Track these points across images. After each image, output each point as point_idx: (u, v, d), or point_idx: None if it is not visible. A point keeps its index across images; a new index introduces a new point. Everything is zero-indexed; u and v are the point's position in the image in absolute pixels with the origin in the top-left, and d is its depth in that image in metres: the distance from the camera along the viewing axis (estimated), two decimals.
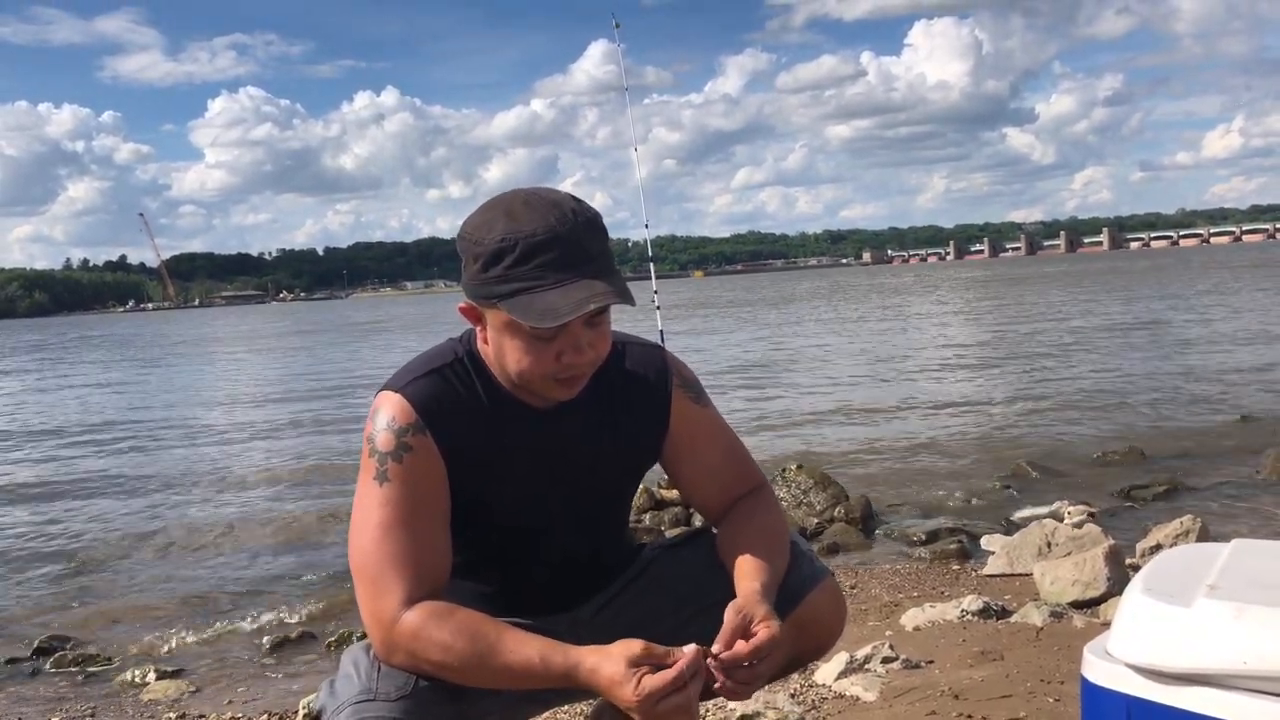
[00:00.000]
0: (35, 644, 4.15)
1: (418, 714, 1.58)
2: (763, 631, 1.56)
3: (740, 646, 1.54)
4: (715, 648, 1.52)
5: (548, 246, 1.57)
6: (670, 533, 4.89)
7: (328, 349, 28.82)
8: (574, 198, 1.67)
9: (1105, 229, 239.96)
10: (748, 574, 1.70)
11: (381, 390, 1.72)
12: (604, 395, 1.81)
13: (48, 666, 3.91)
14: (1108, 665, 1.18)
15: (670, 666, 1.47)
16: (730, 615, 1.58)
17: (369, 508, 1.64)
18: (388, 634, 1.58)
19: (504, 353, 1.66)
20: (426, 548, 1.64)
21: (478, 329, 1.70)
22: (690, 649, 1.48)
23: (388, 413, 1.68)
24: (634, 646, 1.50)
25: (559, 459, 1.78)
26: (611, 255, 1.67)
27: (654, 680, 1.46)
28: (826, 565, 1.97)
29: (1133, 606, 1.19)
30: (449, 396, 1.70)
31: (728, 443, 1.92)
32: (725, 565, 1.77)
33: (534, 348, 1.62)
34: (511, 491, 1.75)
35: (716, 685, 1.55)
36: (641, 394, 1.84)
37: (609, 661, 1.50)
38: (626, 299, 1.61)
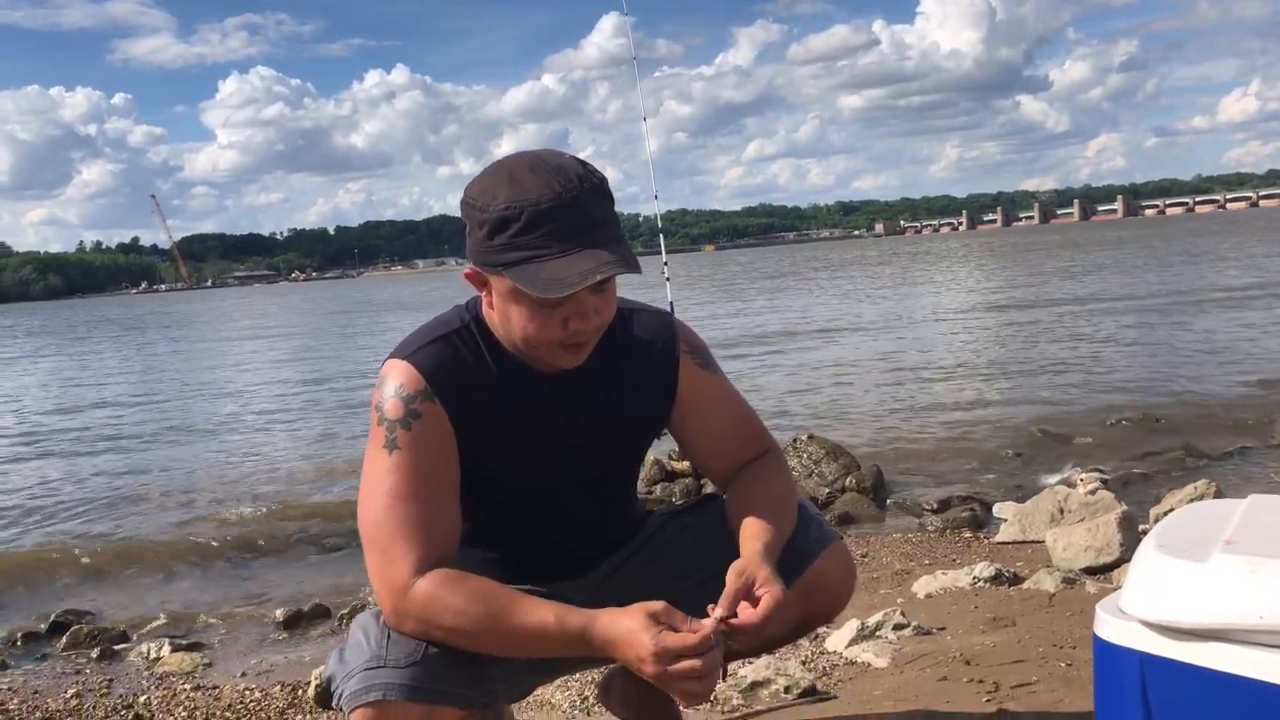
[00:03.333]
0: (51, 618, 4.18)
1: (427, 680, 1.57)
2: (766, 597, 1.54)
3: (744, 612, 1.52)
4: (717, 611, 1.50)
5: (553, 215, 1.54)
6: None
7: (349, 325, 28.85)
8: (580, 161, 1.64)
9: (1120, 196, 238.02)
10: (751, 536, 1.68)
11: (389, 358, 1.71)
12: (611, 361, 1.80)
13: (63, 641, 3.94)
14: (1121, 622, 1.16)
15: (690, 632, 1.45)
16: (732, 578, 1.57)
17: (378, 476, 1.63)
18: (398, 602, 1.58)
19: (509, 319, 1.64)
20: (437, 515, 1.63)
21: (483, 294, 1.69)
22: (711, 621, 1.46)
23: (395, 380, 1.67)
24: (654, 605, 1.49)
25: (566, 425, 1.77)
26: (618, 220, 1.65)
27: (674, 638, 1.44)
28: (836, 530, 1.95)
29: (1147, 562, 1.17)
30: (456, 363, 1.69)
31: (736, 408, 1.91)
32: (734, 529, 1.76)
33: (539, 315, 1.61)
34: (519, 457, 1.74)
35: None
36: (649, 360, 1.83)
37: (627, 616, 1.48)
38: (633, 267, 1.59)
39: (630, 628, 1.47)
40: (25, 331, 45.06)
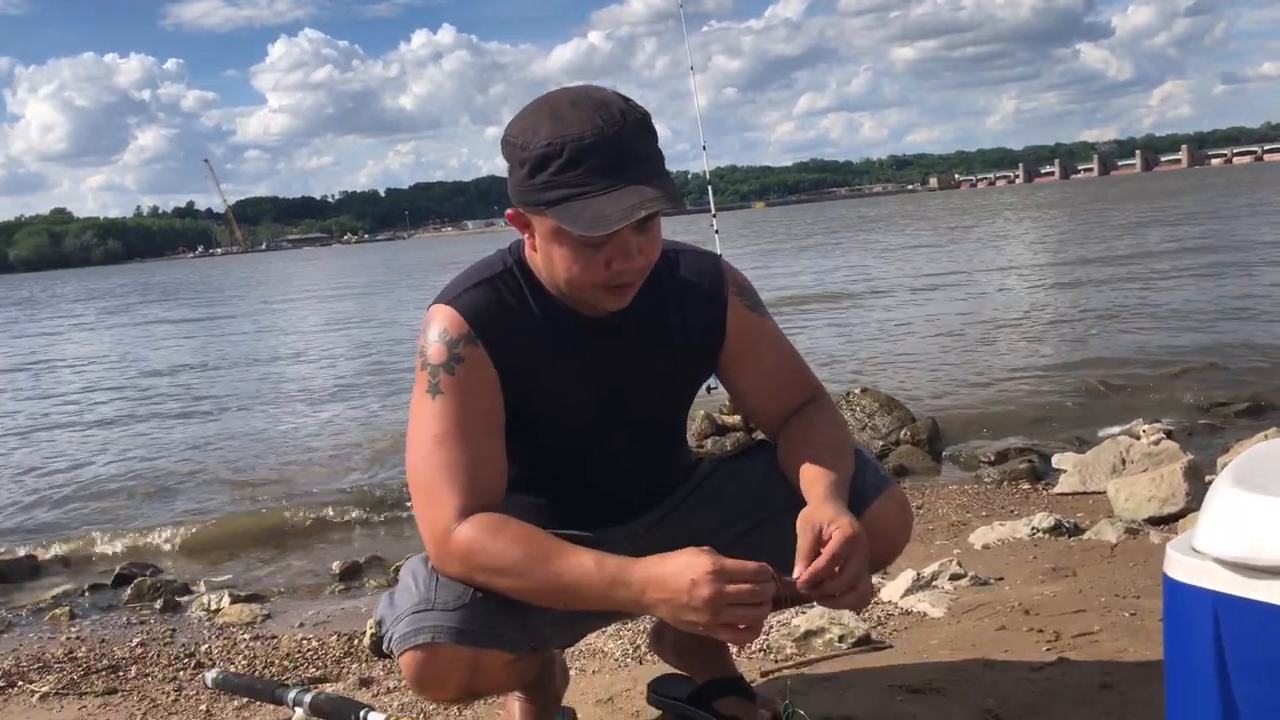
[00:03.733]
0: (116, 571, 4.29)
1: (475, 624, 1.57)
2: (836, 534, 1.49)
3: (819, 562, 1.48)
4: (796, 571, 1.46)
5: (595, 150, 1.50)
6: None
7: (422, 285, 29.10)
8: (622, 96, 1.60)
9: (1184, 146, 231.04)
10: (813, 481, 1.64)
11: (433, 303, 1.69)
12: (656, 303, 1.76)
13: (128, 593, 4.03)
14: (1194, 561, 1.11)
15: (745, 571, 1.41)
16: (801, 531, 1.51)
17: (423, 421, 1.62)
18: (442, 546, 1.57)
19: (552, 261, 1.61)
20: (481, 459, 1.62)
21: (526, 236, 1.66)
22: (763, 566, 1.43)
23: (439, 324, 1.65)
24: (703, 551, 1.45)
25: (612, 369, 1.74)
26: (662, 157, 1.60)
27: (733, 561, 1.40)
28: (891, 477, 1.91)
29: (1222, 499, 1.11)
30: (499, 307, 1.67)
31: (785, 351, 1.87)
32: (786, 475, 1.72)
33: (583, 255, 1.57)
34: (563, 402, 1.72)
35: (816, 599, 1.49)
36: (696, 302, 1.79)
37: (675, 554, 1.45)
38: (677, 204, 1.54)
39: (684, 557, 1.43)
40: (104, 293, 46.13)
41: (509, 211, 1.64)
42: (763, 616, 1.42)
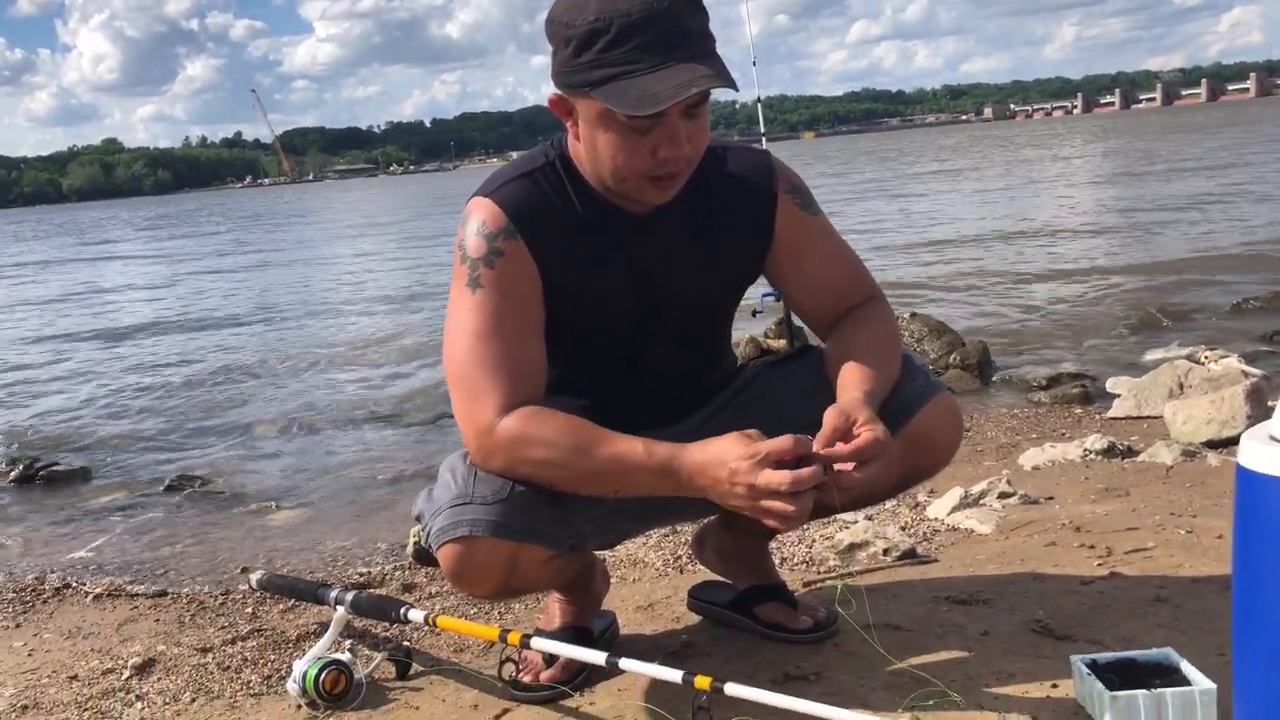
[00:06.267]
0: (167, 482, 4.37)
1: (514, 518, 1.55)
2: (865, 433, 1.45)
3: (840, 448, 1.44)
4: (815, 446, 1.43)
5: (645, 26, 1.43)
6: None
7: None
8: None
9: (1252, 74, 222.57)
10: (852, 382, 1.59)
11: (472, 197, 1.65)
12: (703, 200, 1.70)
13: (178, 499, 4.11)
14: (1272, 450, 1.04)
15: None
16: (830, 416, 1.48)
17: (462, 314, 1.59)
18: (485, 440, 1.55)
19: (596, 148, 1.55)
20: (521, 353, 1.58)
21: (569, 125, 1.60)
22: (801, 438, 1.40)
23: (478, 218, 1.61)
24: (743, 436, 1.43)
25: (655, 265, 1.68)
26: (713, 37, 1.53)
27: (773, 442, 1.40)
28: (942, 383, 1.85)
29: None
30: (540, 200, 1.62)
31: (840, 251, 1.80)
32: (832, 376, 1.67)
33: (628, 141, 1.51)
34: (604, 298, 1.67)
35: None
36: (744, 199, 1.72)
37: (718, 445, 1.43)
38: (729, 82, 1.47)
39: (724, 444, 1.42)
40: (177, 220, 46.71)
41: (551, 96, 1.58)
42: (805, 505, 1.39)
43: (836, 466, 1.44)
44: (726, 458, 1.41)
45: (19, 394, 7.11)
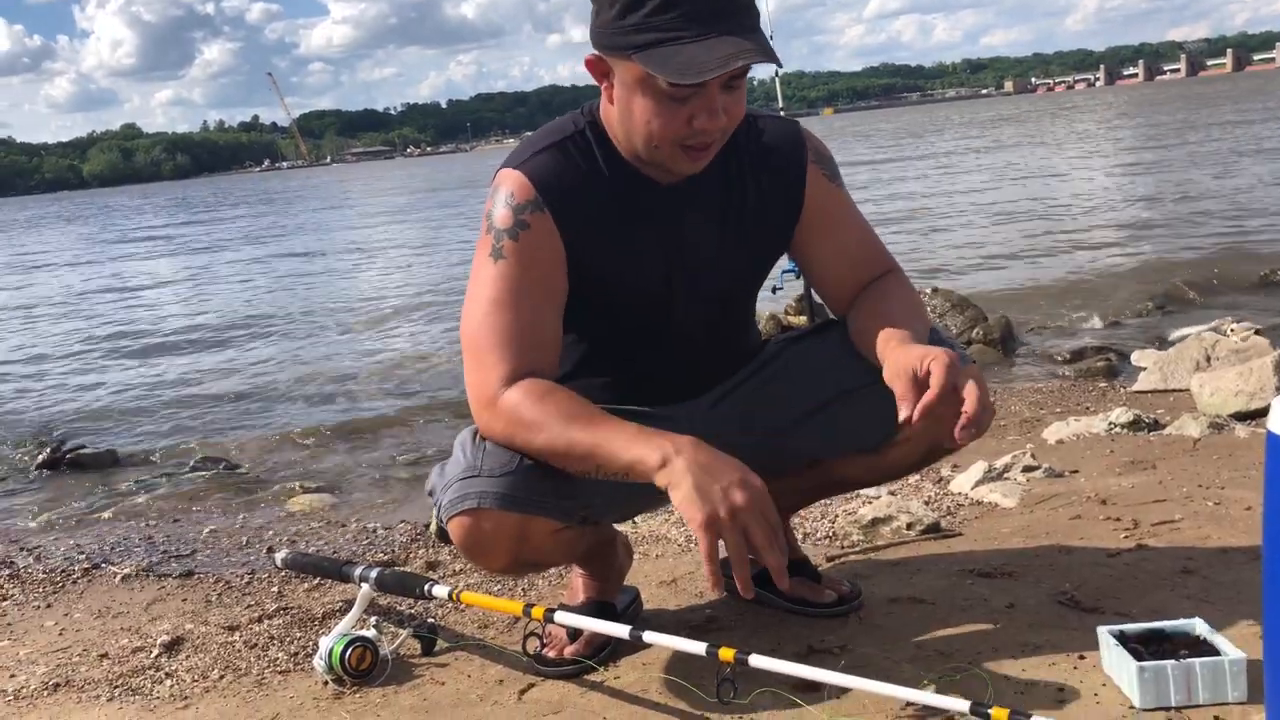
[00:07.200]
0: (191, 464, 4.40)
1: (521, 490, 1.55)
2: (935, 366, 1.42)
3: (930, 394, 1.41)
4: (901, 415, 1.42)
5: None
6: None
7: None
8: None
9: (1279, 44, 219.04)
10: (889, 336, 1.55)
11: (502, 167, 1.64)
12: (735, 172, 1.69)
13: (203, 481, 4.14)
14: None
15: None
16: (895, 380, 1.46)
17: (482, 283, 1.59)
18: (488, 408, 1.55)
19: (631, 113, 1.53)
20: (534, 326, 1.58)
21: (603, 89, 1.58)
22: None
23: (507, 189, 1.60)
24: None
25: (684, 237, 1.67)
26: (758, 12, 1.51)
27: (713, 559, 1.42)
28: (970, 355, 1.84)
29: None
30: (569, 171, 1.61)
31: (861, 225, 1.79)
32: (859, 345, 1.66)
33: (665, 108, 1.49)
34: (632, 270, 1.66)
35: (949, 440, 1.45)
36: (774, 169, 1.71)
37: (691, 493, 1.40)
38: (773, 58, 1.46)
39: (697, 493, 1.40)
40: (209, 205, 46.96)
41: (588, 57, 1.57)
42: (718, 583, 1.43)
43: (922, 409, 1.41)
44: (690, 516, 1.39)
45: (47, 378, 7.19)
